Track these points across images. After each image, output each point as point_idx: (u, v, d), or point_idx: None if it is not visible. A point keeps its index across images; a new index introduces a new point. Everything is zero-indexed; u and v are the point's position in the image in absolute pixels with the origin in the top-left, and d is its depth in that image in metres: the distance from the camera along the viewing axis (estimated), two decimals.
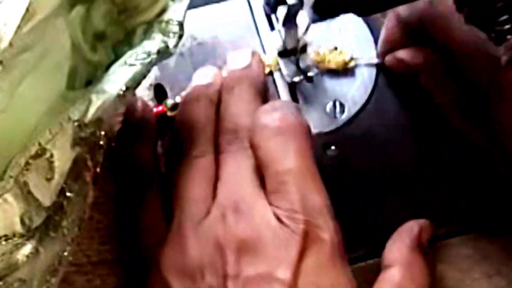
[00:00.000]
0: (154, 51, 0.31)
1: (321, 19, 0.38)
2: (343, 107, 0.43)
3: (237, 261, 0.32)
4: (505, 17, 0.31)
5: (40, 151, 0.27)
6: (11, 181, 0.26)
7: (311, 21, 0.37)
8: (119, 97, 0.29)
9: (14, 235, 0.27)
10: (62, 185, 0.29)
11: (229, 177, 0.35)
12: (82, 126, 0.28)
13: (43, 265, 0.29)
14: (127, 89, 0.29)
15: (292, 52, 0.43)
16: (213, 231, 0.33)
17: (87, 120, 0.28)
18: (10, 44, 0.25)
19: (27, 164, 0.27)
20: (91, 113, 0.28)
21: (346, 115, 0.43)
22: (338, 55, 0.43)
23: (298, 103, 0.43)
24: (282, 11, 0.40)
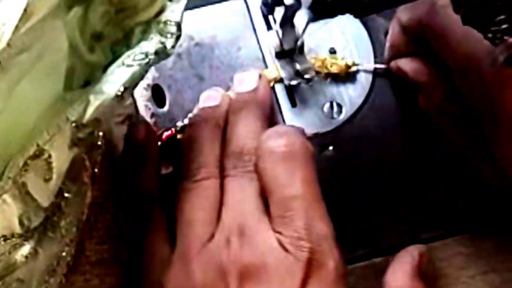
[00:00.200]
0: (151, 51, 0.31)
1: (318, 20, 0.38)
2: (340, 108, 0.43)
3: (240, 287, 0.32)
4: (502, 17, 0.31)
5: (38, 152, 0.27)
6: (10, 181, 0.26)
7: (308, 22, 0.37)
8: (117, 97, 0.29)
9: (12, 235, 0.27)
10: (60, 185, 0.29)
11: (234, 202, 0.35)
12: (80, 126, 0.28)
13: (41, 265, 0.29)
14: (125, 90, 0.29)
15: (289, 52, 0.43)
16: (217, 256, 0.33)
17: (85, 120, 0.28)
18: (8, 44, 0.25)
19: (25, 164, 0.27)
20: (89, 113, 0.28)
21: (343, 116, 0.43)
22: (340, 61, 0.43)
23: (295, 104, 0.43)
24: (279, 12, 0.40)
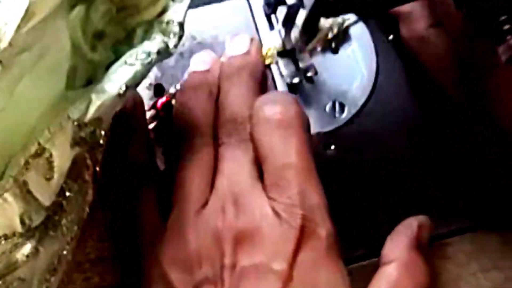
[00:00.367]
0: (154, 51, 0.31)
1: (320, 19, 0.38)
2: (342, 107, 0.43)
3: (234, 252, 0.32)
4: (504, 17, 0.31)
5: (39, 151, 0.27)
6: (11, 180, 0.26)
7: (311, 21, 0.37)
8: (119, 96, 0.29)
9: (13, 234, 0.27)
10: (61, 184, 0.29)
11: (228, 169, 0.35)
12: (81, 125, 0.28)
13: (42, 264, 0.29)
14: (127, 89, 0.29)
15: (291, 52, 0.43)
16: (211, 222, 0.33)
17: (86, 119, 0.28)
18: (9, 44, 0.25)
19: (27, 163, 0.27)
20: (91, 112, 0.28)
21: (345, 115, 0.43)
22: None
23: None
24: (282, 11, 0.40)
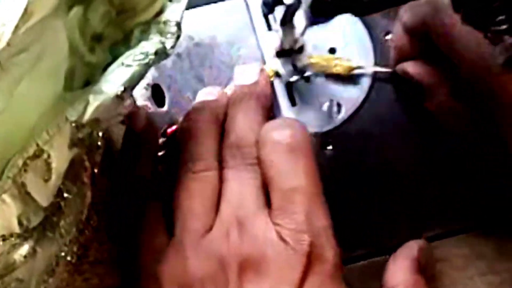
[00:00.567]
0: (151, 51, 0.31)
1: (319, 19, 0.38)
2: (340, 106, 0.43)
3: (239, 279, 0.32)
4: (502, 17, 0.31)
5: (37, 152, 0.27)
6: (9, 181, 0.26)
7: (309, 21, 0.37)
8: (117, 97, 0.29)
9: (11, 235, 0.27)
10: (59, 185, 0.29)
11: (233, 193, 0.35)
12: (79, 126, 0.28)
13: (40, 265, 0.29)
14: (124, 90, 0.29)
15: (289, 52, 0.43)
16: (215, 247, 0.33)
17: (84, 120, 0.28)
18: (8, 44, 0.25)
19: (25, 164, 0.27)
20: (89, 113, 0.28)
21: (343, 115, 0.43)
22: (345, 61, 0.43)
23: (295, 103, 0.43)
24: (279, 11, 0.40)
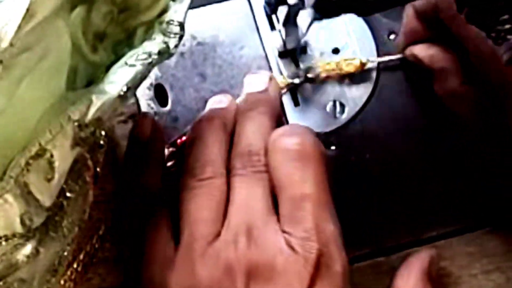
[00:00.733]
0: (154, 51, 0.31)
1: (322, 20, 0.38)
2: (343, 107, 0.43)
3: (246, 287, 0.32)
4: (506, 16, 0.31)
5: (40, 152, 0.27)
6: (11, 181, 0.26)
7: (312, 22, 0.37)
8: (120, 97, 0.29)
9: (14, 235, 0.27)
10: (62, 185, 0.29)
11: (241, 201, 0.34)
12: (82, 126, 0.28)
13: (43, 265, 0.29)
14: (127, 90, 0.29)
15: (292, 52, 0.43)
16: (223, 255, 0.33)
17: (87, 120, 0.28)
18: (10, 44, 0.25)
19: (27, 164, 0.27)
20: (92, 113, 0.28)
21: (346, 115, 0.43)
22: (354, 60, 0.43)
23: (298, 104, 0.43)
24: (282, 11, 0.40)
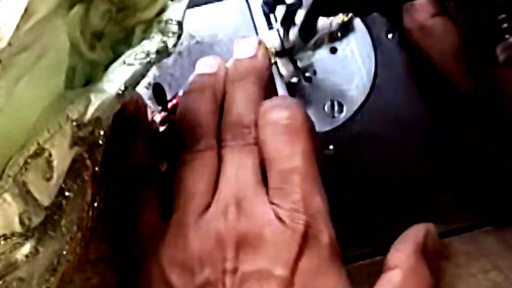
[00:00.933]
0: (153, 50, 0.31)
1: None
2: (341, 106, 0.43)
3: (236, 256, 0.32)
4: (503, 16, 0.31)
5: (38, 151, 0.27)
6: (10, 180, 0.26)
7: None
8: (118, 96, 0.29)
9: (13, 234, 0.27)
10: (61, 184, 0.29)
11: (232, 173, 0.35)
12: (81, 125, 0.28)
13: (42, 264, 0.29)
14: (126, 89, 0.29)
15: (290, 51, 0.43)
16: (213, 225, 0.33)
17: (86, 119, 0.28)
18: (9, 43, 0.25)
19: (26, 163, 0.27)
20: (90, 112, 0.28)
21: (344, 115, 0.43)
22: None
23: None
24: (280, 10, 0.40)
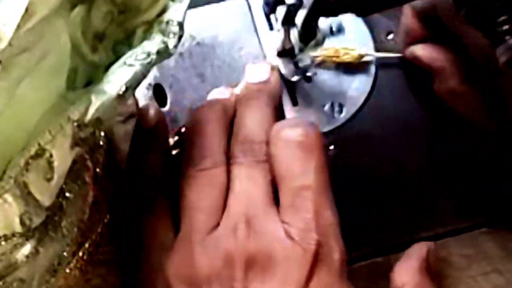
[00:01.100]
0: (153, 51, 0.31)
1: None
2: (341, 107, 0.43)
3: (245, 276, 0.32)
4: (504, 17, 0.31)
5: (39, 152, 0.27)
6: (11, 181, 0.26)
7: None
8: (119, 97, 0.29)
9: (13, 235, 0.27)
10: (61, 185, 0.29)
11: (242, 190, 0.34)
12: (81, 126, 0.28)
13: (42, 265, 0.29)
14: (126, 90, 0.29)
15: (290, 51, 0.43)
16: (222, 244, 0.33)
17: (86, 120, 0.28)
18: (9, 44, 0.25)
19: (27, 164, 0.27)
20: (91, 113, 0.28)
21: (344, 115, 0.43)
22: (353, 50, 0.43)
23: (297, 103, 0.43)
24: (281, 11, 0.40)
